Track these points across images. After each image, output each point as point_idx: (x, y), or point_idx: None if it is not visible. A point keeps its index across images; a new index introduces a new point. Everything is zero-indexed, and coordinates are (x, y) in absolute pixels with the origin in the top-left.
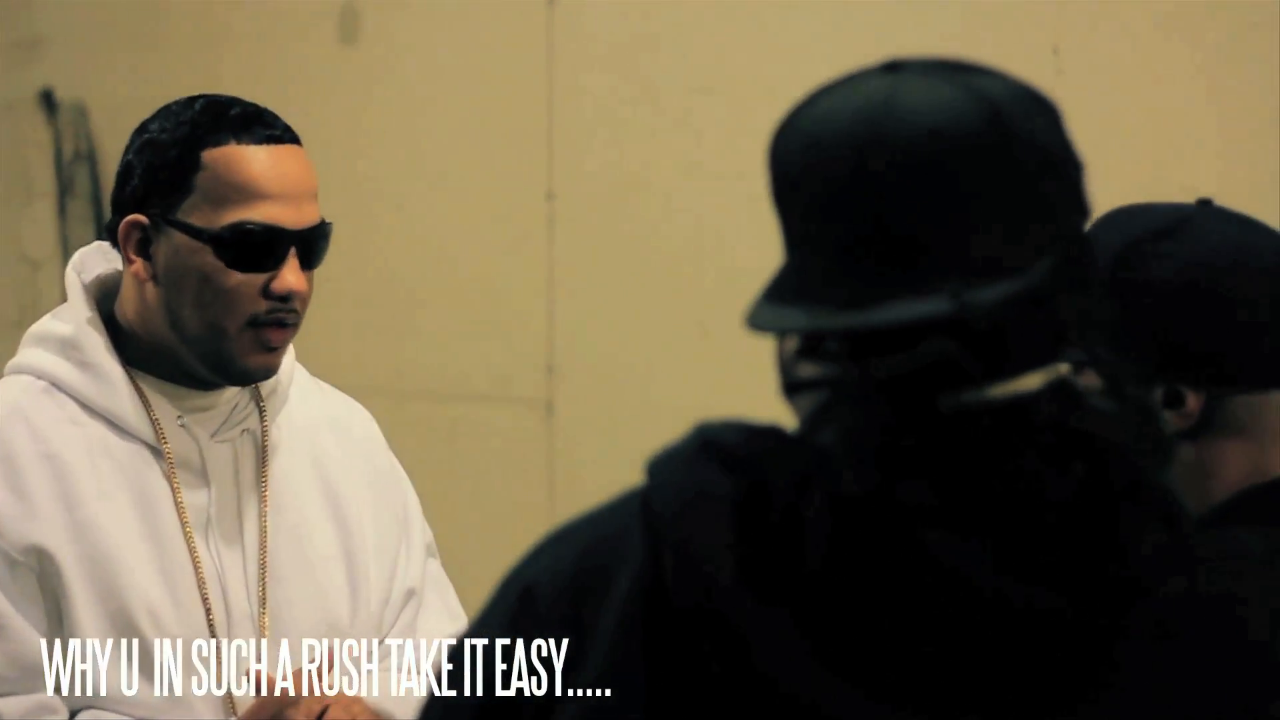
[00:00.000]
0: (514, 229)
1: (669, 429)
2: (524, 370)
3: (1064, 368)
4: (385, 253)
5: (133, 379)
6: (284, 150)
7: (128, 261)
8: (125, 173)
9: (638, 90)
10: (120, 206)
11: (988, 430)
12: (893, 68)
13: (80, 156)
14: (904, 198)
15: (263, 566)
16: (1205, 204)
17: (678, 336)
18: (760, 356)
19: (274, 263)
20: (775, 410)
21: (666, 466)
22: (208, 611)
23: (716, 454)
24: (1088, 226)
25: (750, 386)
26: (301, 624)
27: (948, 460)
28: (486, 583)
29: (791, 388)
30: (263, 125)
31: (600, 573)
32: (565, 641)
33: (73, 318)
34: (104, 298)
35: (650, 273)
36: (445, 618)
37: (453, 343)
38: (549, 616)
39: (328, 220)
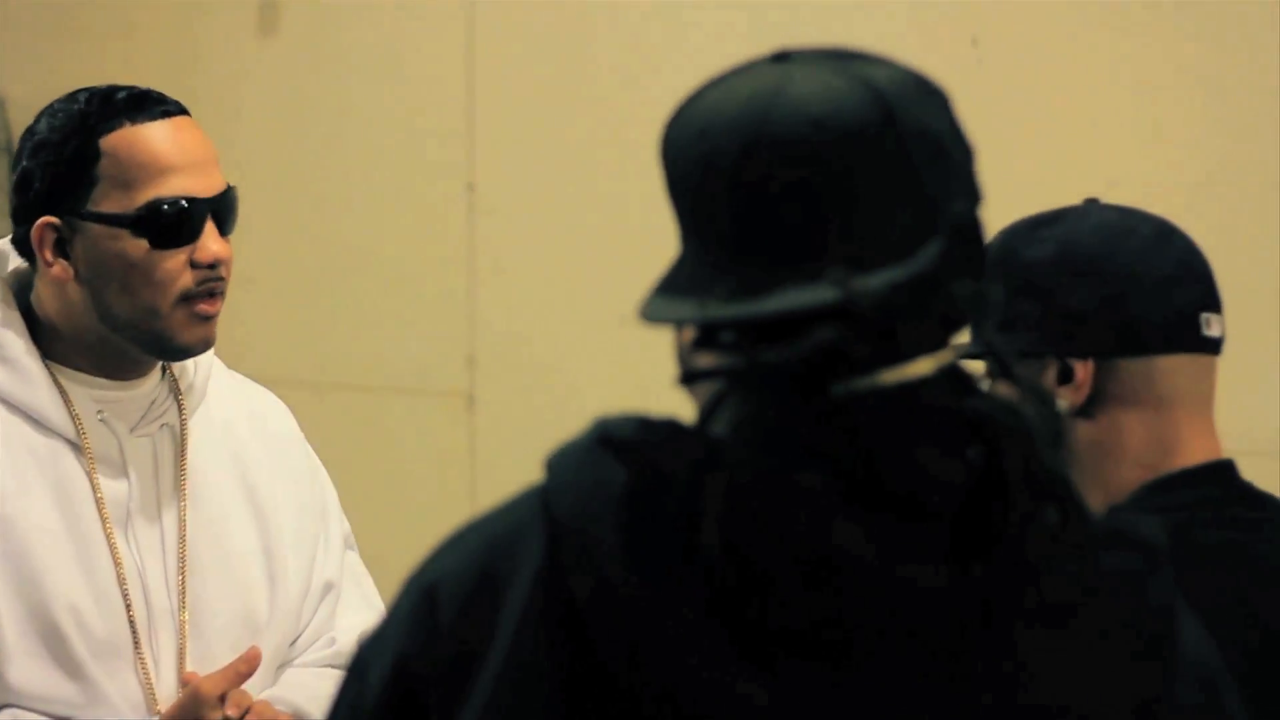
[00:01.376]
0: (434, 220)
1: (590, 421)
2: (445, 362)
3: (956, 352)
4: (305, 244)
5: (51, 373)
6: (179, 122)
7: (46, 265)
8: (24, 179)
9: (558, 81)
10: (26, 213)
11: (880, 416)
12: (781, 58)
13: None
14: (790, 187)
15: (182, 560)
16: (1090, 201)
17: (598, 328)
18: None
19: (193, 234)
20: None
21: (565, 462)
22: (128, 607)
23: (613, 447)
24: (980, 211)
25: (672, 378)
26: (221, 618)
27: (841, 446)
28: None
29: (688, 378)
30: (153, 102)
31: (501, 570)
32: (467, 641)
33: None
34: (21, 291)
35: (571, 264)
36: (364, 609)
37: (373, 334)
38: (451, 617)
39: (233, 185)
